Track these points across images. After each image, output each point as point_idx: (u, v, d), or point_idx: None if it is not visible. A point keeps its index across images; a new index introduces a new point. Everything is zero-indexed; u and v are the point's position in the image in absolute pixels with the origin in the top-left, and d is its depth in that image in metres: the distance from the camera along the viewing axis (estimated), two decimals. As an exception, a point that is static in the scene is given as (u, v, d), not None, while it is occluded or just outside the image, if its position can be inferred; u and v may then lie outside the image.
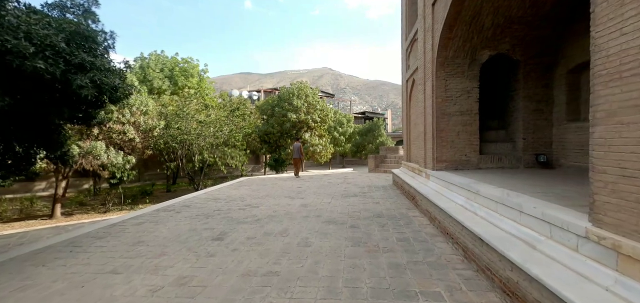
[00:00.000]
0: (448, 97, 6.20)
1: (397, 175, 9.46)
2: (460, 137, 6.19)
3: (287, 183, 11.85)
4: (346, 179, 12.97)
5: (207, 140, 16.58)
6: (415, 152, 8.61)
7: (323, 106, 23.82)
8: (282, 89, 23.42)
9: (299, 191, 9.63)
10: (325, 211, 6.45)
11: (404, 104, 9.96)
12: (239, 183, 12.25)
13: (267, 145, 23.20)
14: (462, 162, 6.20)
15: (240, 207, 7.23)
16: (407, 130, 9.60)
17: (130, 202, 17.21)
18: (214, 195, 9.11)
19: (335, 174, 15.72)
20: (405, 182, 7.98)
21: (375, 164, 15.87)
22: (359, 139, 29.93)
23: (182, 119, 16.45)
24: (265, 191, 9.87)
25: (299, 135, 21.76)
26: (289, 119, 21.34)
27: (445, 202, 4.58)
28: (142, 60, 22.15)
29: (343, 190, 9.53)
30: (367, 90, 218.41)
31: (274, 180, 13.53)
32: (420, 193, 6.03)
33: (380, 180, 12.23)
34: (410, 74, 8.71)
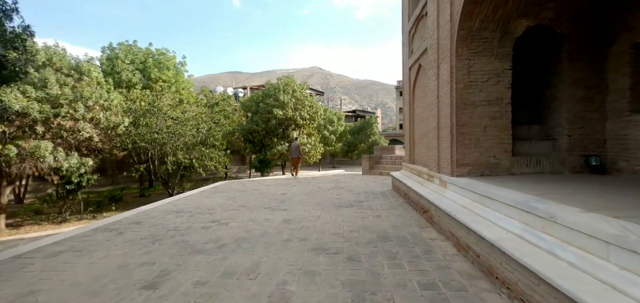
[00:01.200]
0: (471, 82, 4.84)
1: (398, 180, 8.09)
2: (488, 133, 4.84)
3: (271, 189, 10.33)
4: (338, 183, 11.55)
5: (182, 139, 14.85)
6: (422, 153, 7.25)
7: (312, 102, 22.35)
8: (267, 84, 21.82)
9: (283, 199, 8.13)
10: (313, 230, 4.99)
11: (406, 96, 8.59)
12: (214, 189, 10.65)
13: (252, 144, 21.56)
14: (489, 166, 4.85)
15: (205, 224, 5.68)
16: (410, 127, 8.24)
17: (93, 209, 15.29)
18: (179, 206, 7.52)
19: (326, 177, 14.29)
20: (410, 189, 6.60)
21: (370, 165, 14.52)
22: (350, 137, 28.63)
23: (153, 116, 14.66)
24: (243, 199, 8.33)
25: (287, 134, 20.24)
26: (274, 116, 19.76)
27: (486, 227, 3.19)
28: (111, 50, 20.06)
29: (335, 198, 8.09)
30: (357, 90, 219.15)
31: (257, 184, 11.98)
32: (436, 207, 4.65)
33: (376, 184, 10.86)
34: (415, 59, 7.34)
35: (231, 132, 22.90)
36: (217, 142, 16.06)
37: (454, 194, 4.68)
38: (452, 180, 4.87)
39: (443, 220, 4.38)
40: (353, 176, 14.16)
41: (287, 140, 20.65)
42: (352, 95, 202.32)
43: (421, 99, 7.26)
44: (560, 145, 4.94)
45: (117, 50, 20.64)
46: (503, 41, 4.72)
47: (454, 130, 4.93)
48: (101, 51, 19.48)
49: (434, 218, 4.84)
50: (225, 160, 16.87)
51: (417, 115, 7.76)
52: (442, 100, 5.39)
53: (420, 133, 7.43)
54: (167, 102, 15.33)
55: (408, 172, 8.12)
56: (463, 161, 4.88)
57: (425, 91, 6.74)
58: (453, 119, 4.95)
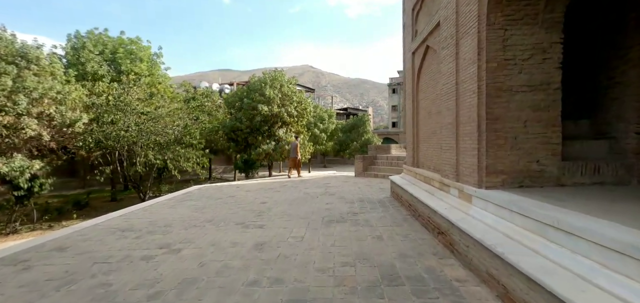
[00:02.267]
0: (508, 61, 3.59)
1: (400, 186, 6.85)
2: (529, 130, 3.61)
3: (250, 195, 8.94)
4: (329, 187, 10.25)
5: (153, 137, 13.27)
6: (430, 155, 6.01)
7: (300, 98, 20.96)
8: (252, 78, 20.30)
9: (262, 210, 6.77)
10: (292, 264, 3.67)
11: (408, 87, 7.34)
12: (185, 196, 9.21)
13: (235, 143, 20.04)
14: (530, 174, 3.62)
15: (150, 251, 4.29)
16: (414, 124, 6.99)
17: (51, 217, 13.54)
18: (131, 221, 6.08)
19: (315, 179, 12.98)
20: (417, 200, 5.35)
21: (364, 167, 13.28)
22: (342, 136, 27.40)
23: (119, 111, 13.04)
24: (213, 210, 6.94)
25: (273, 132, 18.83)
26: (259, 112, 18.27)
27: (572, 285, 1.92)
28: (79, 39, 18.16)
29: (325, 209, 6.78)
30: (348, 88, 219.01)
31: (235, 189, 10.57)
32: (460, 231, 3.41)
33: (372, 189, 9.60)
34: (421, 41, 6.09)
35: (214, 130, 21.33)
36: (195, 141, 14.53)
37: (485, 213, 3.43)
38: (481, 193, 3.62)
39: (474, 253, 3.11)
40: (345, 179, 12.89)
41: (273, 139, 19.23)
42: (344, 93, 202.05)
43: (429, 89, 6.01)
44: (624, 146, 3.75)
45: (86, 38, 18.77)
46: (552, 4, 3.48)
47: (482, 125, 3.68)
48: (66, 39, 17.57)
49: (457, 246, 3.58)
50: (204, 160, 15.38)
51: (422, 108, 6.51)
52: (463, 87, 4.14)
53: (427, 130, 6.18)
54: (137, 95, 13.71)
55: (411, 178, 6.87)
56: (495, 167, 3.63)
57: (436, 78, 5.49)
58: (481, 110, 3.69)
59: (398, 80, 54.29)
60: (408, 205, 6.10)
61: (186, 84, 23.83)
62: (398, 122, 53.37)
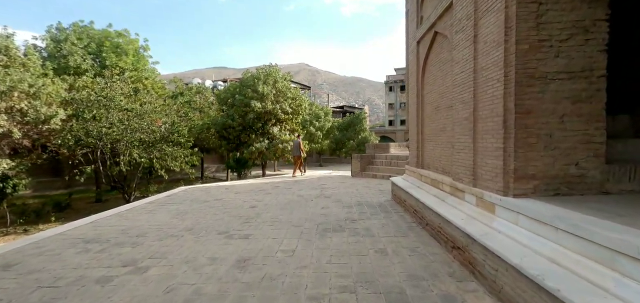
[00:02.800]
0: (542, 42, 2.97)
1: (403, 189, 6.23)
2: (567, 126, 3.00)
3: (239, 198, 8.26)
4: (324, 189, 9.60)
5: (137, 135, 12.49)
6: (437, 155, 5.39)
7: (295, 94, 20.24)
8: (245, 73, 19.54)
9: (250, 216, 6.10)
10: (279, 288, 3.02)
11: (412, 81, 6.72)
12: (168, 199, 8.49)
13: (227, 141, 19.28)
14: (568, 180, 3.01)
15: (110, 270, 3.61)
16: (418, 120, 6.36)
17: (25, 221, 12.69)
18: (99, 230, 5.37)
19: (310, 180, 12.32)
20: (425, 207, 4.73)
21: (361, 166, 12.66)
22: (338, 134, 26.77)
23: (102, 107, 12.23)
24: (197, 216, 6.25)
25: (266, 129, 18.10)
26: (252, 109, 17.53)
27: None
28: (61, 31, 17.17)
29: (320, 214, 6.13)
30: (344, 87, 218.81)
31: (224, 191, 9.87)
32: (485, 249, 2.80)
33: (371, 191, 8.97)
34: (428, 27, 5.45)
35: (205, 127, 20.54)
36: (183, 139, 13.77)
37: (516, 228, 2.82)
38: (508, 202, 3.00)
39: (506, 280, 2.49)
40: (342, 179, 12.26)
41: (267, 137, 18.51)
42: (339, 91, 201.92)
43: (437, 81, 5.38)
44: (679, 145, 3.16)
45: (69, 30, 17.79)
46: (597, -28, 2.86)
47: (510, 120, 3.06)
48: (46, 31, 16.57)
49: (479, 267, 2.95)
50: (194, 159, 14.63)
51: (428, 103, 5.88)
52: (483, 75, 3.51)
53: (434, 127, 5.56)
54: (121, 90, 12.88)
55: (415, 180, 6.25)
56: (526, 171, 3.01)
57: (446, 68, 4.86)
58: (508, 102, 3.07)
59: (395, 77, 53.77)
60: (413, 211, 5.47)
61: (177, 80, 22.95)
62: (395, 120, 52.87)
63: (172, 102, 15.23)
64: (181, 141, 13.83)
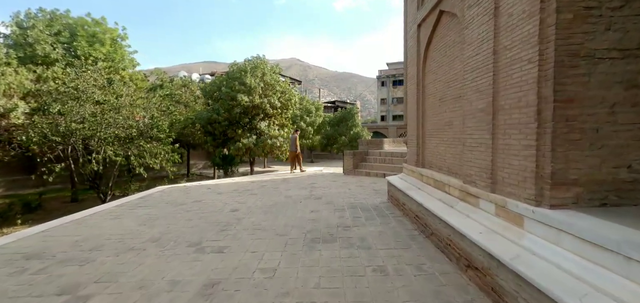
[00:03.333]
0: (589, 10, 2.33)
1: (400, 190, 5.61)
2: (618, 118, 2.39)
3: (220, 200, 7.50)
4: (314, 188, 8.92)
5: (111, 130, 11.52)
6: (441, 153, 4.76)
7: (284, 88, 19.40)
8: (232, 65, 18.59)
9: (228, 223, 5.37)
10: (252, 331, 2.32)
11: (412, 69, 6.07)
12: (140, 201, 7.67)
13: (212, 137, 18.35)
14: (619, 187, 2.40)
15: (46, 296, 2.86)
16: (419, 113, 5.73)
17: (-12, 224, 11.62)
18: (49, 241, 4.56)
19: (299, 178, 11.62)
20: (428, 212, 4.11)
21: (354, 163, 12.02)
22: (329, 130, 26.09)
23: (71, 100, 11.20)
24: (168, 222, 5.48)
25: (254, 124, 17.26)
26: (239, 103, 16.63)
27: None
28: (30, 18, 15.83)
29: (309, 219, 5.45)
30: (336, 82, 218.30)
31: (206, 191, 9.08)
32: (518, 278, 2.19)
33: (365, 191, 8.33)
34: (432, 7, 4.79)
35: (189, 122, 19.56)
36: (162, 135, 12.84)
37: (559, 251, 2.19)
38: (543, 214, 2.38)
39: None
40: (334, 177, 11.59)
41: (255, 132, 17.66)
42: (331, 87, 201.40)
43: (441, 68, 4.73)
44: None
45: (40, 16, 16.47)
46: None
47: (546, 111, 2.42)
48: (11, 17, 15.20)
49: (510, 299, 2.32)
50: (176, 156, 13.73)
51: (431, 94, 5.24)
52: (507, 56, 2.87)
53: (438, 121, 4.92)
54: (93, 82, 11.83)
55: (415, 180, 5.62)
56: (566, 175, 2.39)
57: (453, 52, 4.22)
58: (544, 88, 2.43)
59: (387, 72, 53.30)
60: (414, 216, 4.84)
61: (159, 71, 21.77)
62: (387, 115, 52.49)
63: (151, 94, 14.19)
64: (161, 137, 12.89)
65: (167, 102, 14.92)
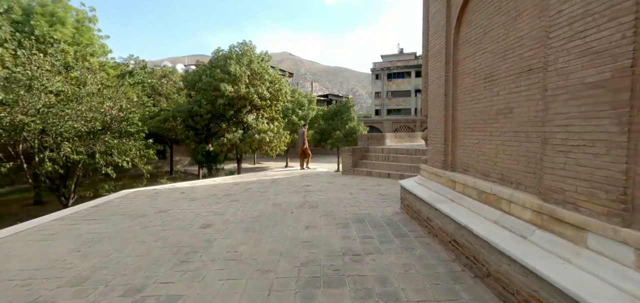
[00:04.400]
0: None
1: (421, 199, 4.31)
2: None
3: (193, 209, 6.06)
4: (309, 193, 7.56)
5: (70, 124, 9.89)
6: (491, 154, 3.45)
7: (274, 77, 17.87)
8: (216, 52, 16.93)
9: (194, 249, 3.98)
10: None
11: (438, 41, 4.73)
12: (91, 211, 6.19)
13: (193, 131, 16.78)
14: None
15: None
16: (447, 99, 4.40)
17: None
18: None
19: (291, 179, 10.24)
20: (478, 240, 2.81)
21: (353, 162, 10.69)
22: (323, 124, 24.67)
23: (18, 88, 9.50)
24: (110, 247, 4.05)
25: (240, 118, 15.72)
26: (222, 93, 15.05)
27: None
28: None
29: (303, 242, 4.09)
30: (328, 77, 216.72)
31: (178, 197, 7.63)
32: None
33: (370, 196, 7.01)
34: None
35: (169, 115, 17.91)
36: (133, 129, 11.23)
37: None
38: None
39: None
40: (330, 177, 10.24)
41: (241, 127, 16.13)
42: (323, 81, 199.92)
43: (489, 35, 3.40)
44: None
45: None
46: None
47: None
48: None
49: None
50: (150, 152, 12.15)
51: (469, 72, 3.91)
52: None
53: (481, 109, 3.60)
54: (45, 66, 10.10)
55: (443, 188, 4.30)
56: None
57: (519, 6, 2.88)
58: None
59: (382, 64, 52.05)
60: (450, 241, 3.52)
61: (138, 61, 19.83)
62: (381, 109, 51.34)
63: (119, 82, 12.47)
64: (131, 131, 11.28)
65: (138, 91, 13.21)
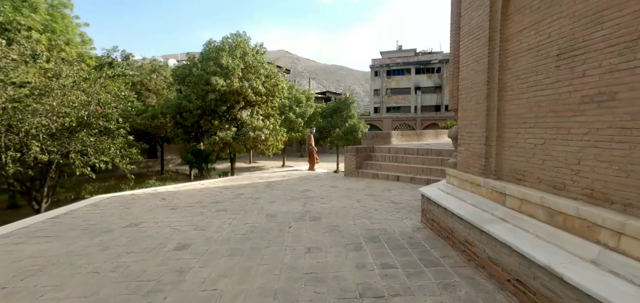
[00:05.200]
0: None
1: (459, 217, 3.39)
2: None
3: (171, 222, 5.06)
4: (309, 199, 6.59)
5: (38, 120, 8.80)
6: (568, 160, 2.48)
7: (270, 71, 16.82)
8: (207, 44, 15.84)
9: (159, 285, 2.98)
10: None
11: (484, 10, 3.76)
12: (48, 223, 5.18)
13: (183, 129, 15.71)
14: None
15: None
16: (491, 87, 3.45)
17: None
18: None
19: (289, 181, 9.26)
20: (566, 285, 1.82)
21: (357, 162, 9.72)
22: (322, 121, 23.66)
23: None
24: (52, 279, 3.05)
25: (233, 114, 14.66)
26: (213, 88, 13.97)
27: None
28: None
29: (305, 275, 3.12)
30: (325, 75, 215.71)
31: (157, 204, 6.63)
32: None
33: (381, 203, 6.04)
34: None
35: (158, 112, 16.82)
36: (112, 125, 10.13)
37: None
38: None
39: None
40: (332, 180, 9.27)
41: (234, 124, 15.07)
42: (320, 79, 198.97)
43: (573, -10, 2.42)
44: None
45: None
46: None
47: None
48: None
49: None
50: (133, 151, 11.09)
51: (530, 48, 2.95)
52: None
53: (548, 97, 2.64)
54: (14, 55, 8.98)
55: (486, 201, 3.35)
56: None
57: None
58: None
59: (381, 61, 51.10)
60: (512, 281, 2.56)
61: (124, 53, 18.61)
62: (381, 107, 50.42)
63: (97, 74, 11.32)
64: (110, 128, 10.20)
65: (119, 84, 12.07)
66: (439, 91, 47.05)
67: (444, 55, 46.78)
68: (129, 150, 11.17)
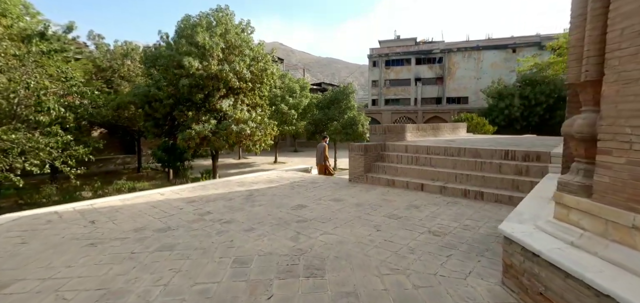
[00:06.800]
0: None
1: None
2: None
3: (77, 273, 2.92)
4: (304, 225, 4.49)
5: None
6: None
7: (258, 52, 14.55)
8: (183, 20, 13.44)
9: None
10: None
11: None
12: None
13: (152, 121, 13.44)
14: None
15: None
16: None
17: None
18: None
19: (278, 189, 7.16)
20: None
21: (366, 164, 7.66)
22: (318, 113, 21.49)
23: None
24: None
25: (212, 103, 12.43)
26: (187, 71, 11.68)
27: None
28: None
29: None
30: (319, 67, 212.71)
31: (77, 233, 4.47)
32: None
33: (414, 234, 3.96)
34: None
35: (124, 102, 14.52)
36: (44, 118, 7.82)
37: None
38: None
39: None
40: (333, 188, 7.19)
41: (214, 115, 12.84)
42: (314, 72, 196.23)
43: None
44: None
45: None
46: None
47: None
48: None
49: None
50: (81, 150, 8.88)
51: None
52: None
53: None
54: None
55: None
56: None
57: None
58: None
59: (380, 51, 48.90)
60: None
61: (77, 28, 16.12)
62: (379, 99, 48.39)
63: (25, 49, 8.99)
64: (42, 120, 7.93)
65: (58, 63, 9.68)
66: (441, 82, 45.14)
67: (446, 45, 44.80)
68: (77, 148, 8.94)
